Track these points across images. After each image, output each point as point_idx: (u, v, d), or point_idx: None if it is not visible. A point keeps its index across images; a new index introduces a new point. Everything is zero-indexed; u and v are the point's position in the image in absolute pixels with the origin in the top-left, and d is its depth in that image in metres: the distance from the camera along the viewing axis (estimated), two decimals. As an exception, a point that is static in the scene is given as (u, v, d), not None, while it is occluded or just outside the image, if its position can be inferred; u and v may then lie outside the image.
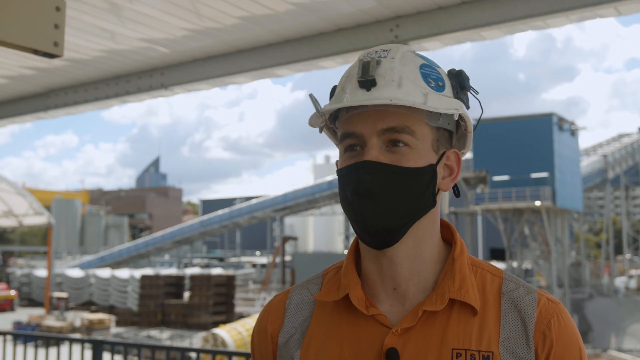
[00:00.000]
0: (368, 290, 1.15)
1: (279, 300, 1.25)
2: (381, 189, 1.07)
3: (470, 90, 1.16)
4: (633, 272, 43.50)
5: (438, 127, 1.12)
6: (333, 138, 1.21)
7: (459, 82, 1.14)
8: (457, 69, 1.16)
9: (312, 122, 1.17)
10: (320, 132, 1.21)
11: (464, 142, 1.19)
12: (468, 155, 33.12)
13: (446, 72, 1.16)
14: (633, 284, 41.02)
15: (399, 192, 1.07)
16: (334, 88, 1.19)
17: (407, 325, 1.08)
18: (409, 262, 1.12)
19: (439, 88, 1.11)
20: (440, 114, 1.11)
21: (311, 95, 1.14)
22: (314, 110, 1.15)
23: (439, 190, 1.13)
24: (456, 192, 1.21)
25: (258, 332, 1.25)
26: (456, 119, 1.12)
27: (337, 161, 1.19)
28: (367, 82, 1.07)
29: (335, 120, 1.18)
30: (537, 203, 29.43)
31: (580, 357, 1.10)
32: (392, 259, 1.11)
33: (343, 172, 1.11)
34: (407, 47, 1.14)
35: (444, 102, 1.10)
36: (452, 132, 1.16)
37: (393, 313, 1.12)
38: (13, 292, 31.49)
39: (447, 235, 1.19)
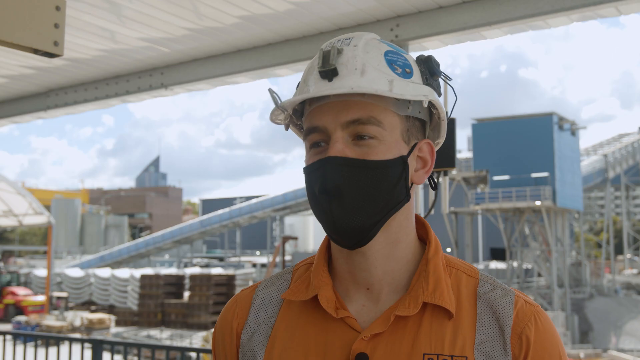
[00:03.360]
0: (339, 288, 1.09)
1: (246, 295, 1.18)
2: (349, 186, 1.00)
3: (442, 76, 1.11)
4: (627, 271, 43.49)
5: (408, 117, 1.05)
6: (300, 134, 1.14)
7: (428, 68, 1.08)
8: (425, 55, 1.10)
9: (273, 118, 1.10)
10: (286, 129, 1.14)
11: (438, 132, 1.13)
12: (468, 154, 33.16)
13: (414, 59, 1.10)
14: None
15: (367, 188, 1.01)
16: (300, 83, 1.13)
17: (378, 330, 1.03)
18: (383, 261, 1.06)
19: (406, 74, 1.04)
20: (410, 102, 1.05)
21: (270, 90, 1.07)
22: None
23: (412, 184, 1.07)
24: (432, 184, 1.15)
25: (222, 326, 1.17)
26: (426, 105, 1.06)
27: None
28: (328, 72, 1.01)
29: (302, 117, 1.11)
30: (538, 203, 29.44)
31: None
32: (365, 258, 1.06)
33: (309, 169, 1.05)
34: (373, 35, 1.07)
35: (412, 89, 1.03)
36: (424, 121, 1.09)
37: (365, 314, 1.07)
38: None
39: (422, 233, 1.13)
